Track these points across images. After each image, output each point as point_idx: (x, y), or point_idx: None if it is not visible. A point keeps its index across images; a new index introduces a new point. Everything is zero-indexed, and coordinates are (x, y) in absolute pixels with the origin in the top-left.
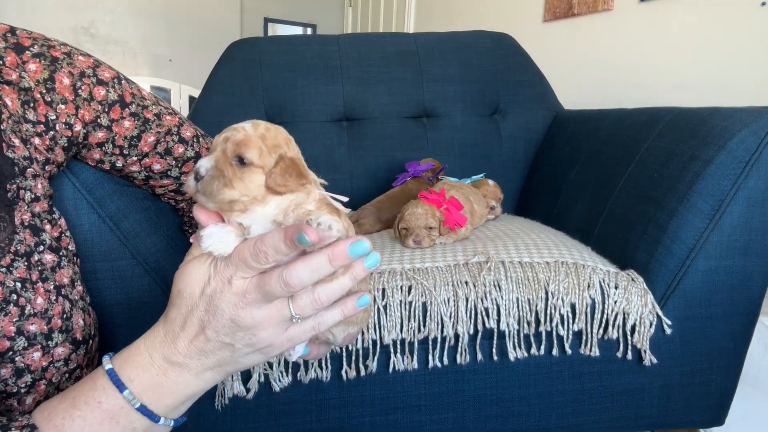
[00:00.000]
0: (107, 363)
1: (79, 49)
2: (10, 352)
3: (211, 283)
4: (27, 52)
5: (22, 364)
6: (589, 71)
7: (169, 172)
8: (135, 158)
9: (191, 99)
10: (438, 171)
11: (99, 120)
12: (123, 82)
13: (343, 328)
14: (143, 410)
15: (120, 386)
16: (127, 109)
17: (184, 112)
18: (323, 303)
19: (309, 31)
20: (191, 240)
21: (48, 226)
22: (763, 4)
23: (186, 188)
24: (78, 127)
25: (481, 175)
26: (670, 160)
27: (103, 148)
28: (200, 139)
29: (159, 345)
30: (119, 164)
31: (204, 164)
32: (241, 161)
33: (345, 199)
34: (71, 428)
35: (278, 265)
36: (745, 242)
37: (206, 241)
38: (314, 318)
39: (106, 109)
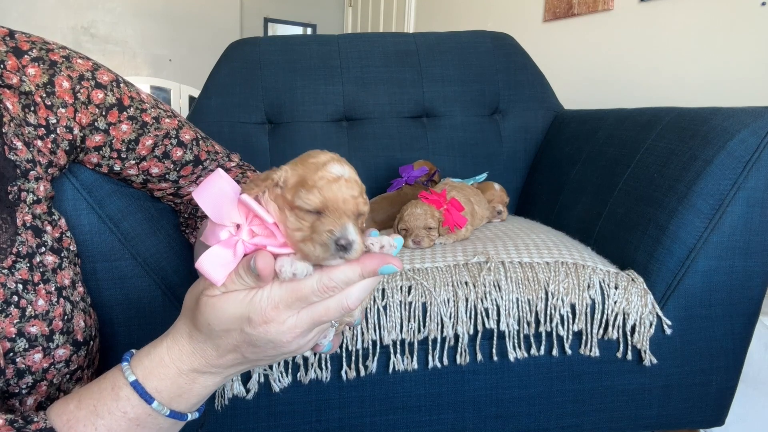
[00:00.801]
0: (129, 373)
1: (77, 52)
2: (11, 353)
3: (252, 323)
4: (26, 56)
5: (24, 365)
6: (589, 71)
7: (167, 176)
8: (133, 162)
9: (191, 99)
10: (432, 175)
11: (96, 123)
12: (122, 85)
13: (359, 308)
14: (173, 415)
15: (148, 399)
16: (125, 113)
17: (184, 112)
18: (353, 308)
19: (309, 31)
20: (190, 240)
21: (49, 228)
22: (763, 4)
23: (322, 252)
24: (76, 131)
25: (484, 174)
26: (670, 160)
27: (101, 151)
28: (200, 142)
29: (187, 359)
30: (117, 168)
31: (351, 236)
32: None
33: None
34: None
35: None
36: (745, 242)
37: (292, 269)
38: None
39: (104, 113)
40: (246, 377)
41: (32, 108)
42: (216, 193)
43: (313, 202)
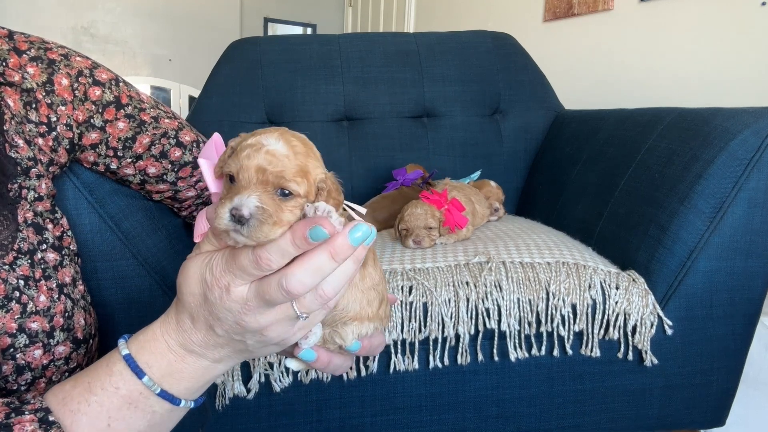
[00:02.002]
0: (123, 348)
1: (77, 52)
2: (11, 349)
3: (211, 290)
4: (24, 55)
5: (23, 362)
6: (589, 71)
7: (165, 176)
8: (129, 160)
9: (191, 99)
10: (427, 178)
11: (92, 120)
12: (121, 84)
13: (352, 329)
14: (164, 395)
15: (139, 372)
16: (122, 111)
17: (184, 112)
18: (330, 296)
19: (309, 31)
20: (195, 240)
21: (50, 225)
22: (764, 4)
23: (217, 224)
24: (74, 128)
25: (478, 172)
26: (671, 160)
27: (97, 149)
28: (200, 144)
29: (174, 333)
30: (113, 166)
31: (247, 204)
32: (283, 192)
33: (363, 210)
34: (87, 414)
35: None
36: (746, 243)
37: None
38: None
39: (100, 110)
40: (246, 377)
41: (34, 105)
42: (208, 156)
43: (230, 168)
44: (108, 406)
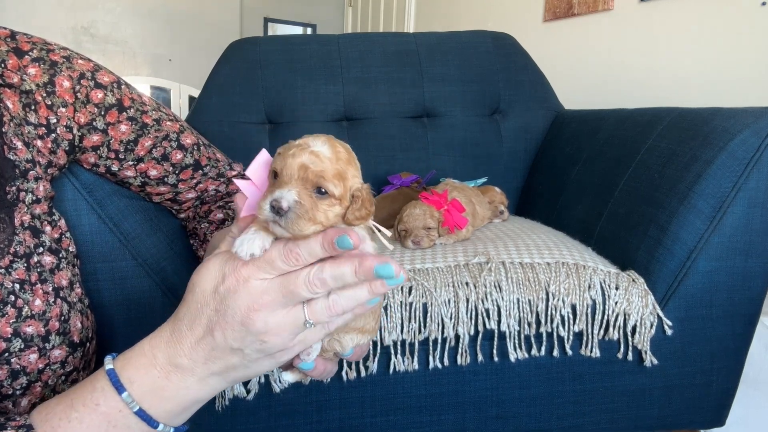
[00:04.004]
0: (108, 363)
1: (79, 54)
2: (6, 354)
3: (225, 281)
4: (26, 56)
5: (18, 366)
6: (589, 71)
7: (165, 179)
8: (130, 163)
9: (191, 99)
10: (423, 182)
11: (94, 123)
12: (123, 86)
13: (351, 338)
14: (141, 414)
15: (119, 388)
16: (124, 113)
17: (184, 112)
18: (338, 311)
19: (309, 31)
20: (199, 253)
21: (48, 228)
22: (764, 4)
23: (259, 215)
24: (75, 130)
25: (484, 179)
26: (671, 160)
27: (98, 151)
28: (201, 147)
29: (164, 346)
30: (114, 168)
31: (287, 197)
32: (320, 191)
33: (389, 233)
34: (66, 430)
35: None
36: (746, 243)
37: (239, 246)
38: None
39: (103, 112)
40: None
41: (33, 107)
42: (255, 174)
43: (275, 165)
44: (87, 422)
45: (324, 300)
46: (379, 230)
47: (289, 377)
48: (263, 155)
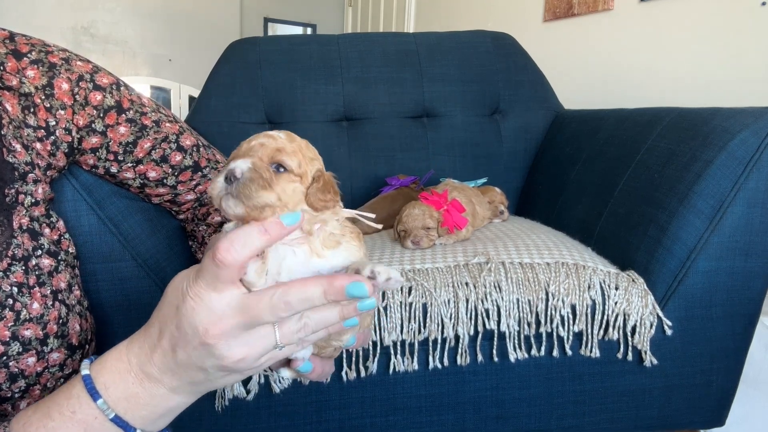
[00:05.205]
0: (85, 368)
1: (78, 55)
2: (4, 357)
3: (185, 300)
4: (25, 58)
5: (16, 369)
6: (589, 71)
7: (165, 181)
8: (129, 164)
9: (191, 99)
10: (420, 183)
11: (93, 125)
12: (122, 88)
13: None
14: (117, 421)
15: (94, 394)
16: (123, 115)
17: (184, 112)
18: (310, 331)
19: (309, 31)
20: (197, 256)
21: (47, 230)
22: (764, 4)
23: (211, 190)
24: (74, 132)
25: (484, 179)
26: (670, 160)
27: (97, 153)
28: (200, 149)
29: (138, 351)
30: (113, 170)
31: (240, 165)
32: (278, 168)
33: (373, 216)
34: None
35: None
36: (746, 243)
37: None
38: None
39: (101, 114)
40: (246, 378)
41: (32, 110)
42: None
43: (232, 157)
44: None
45: (297, 320)
46: (363, 216)
47: (286, 374)
48: None
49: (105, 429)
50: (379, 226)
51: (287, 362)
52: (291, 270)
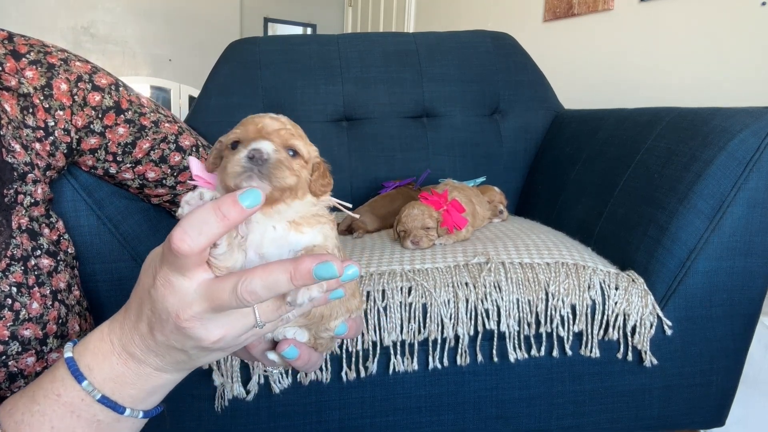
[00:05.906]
0: (68, 351)
1: (77, 56)
2: (4, 357)
3: (156, 283)
4: (23, 59)
5: (16, 369)
6: (589, 71)
7: (164, 181)
8: (128, 165)
9: (191, 99)
10: (417, 184)
11: (92, 126)
12: (121, 89)
13: (338, 320)
14: (105, 401)
15: (79, 377)
16: (122, 116)
17: (184, 112)
18: (291, 307)
19: (309, 31)
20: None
21: (46, 230)
22: (764, 4)
23: (232, 167)
24: (73, 133)
25: (483, 178)
26: (670, 160)
27: (96, 154)
28: (200, 149)
29: (119, 332)
30: (112, 170)
31: (266, 147)
32: (291, 152)
33: (349, 204)
34: (31, 424)
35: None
36: (746, 243)
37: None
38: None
39: (100, 115)
40: (246, 378)
41: (31, 110)
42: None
43: (232, 135)
44: (50, 415)
45: (274, 300)
46: (341, 205)
47: (273, 356)
48: (194, 162)
49: (93, 410)
50: (357, 216)
51: (273, 345)
52: (273, 241)
